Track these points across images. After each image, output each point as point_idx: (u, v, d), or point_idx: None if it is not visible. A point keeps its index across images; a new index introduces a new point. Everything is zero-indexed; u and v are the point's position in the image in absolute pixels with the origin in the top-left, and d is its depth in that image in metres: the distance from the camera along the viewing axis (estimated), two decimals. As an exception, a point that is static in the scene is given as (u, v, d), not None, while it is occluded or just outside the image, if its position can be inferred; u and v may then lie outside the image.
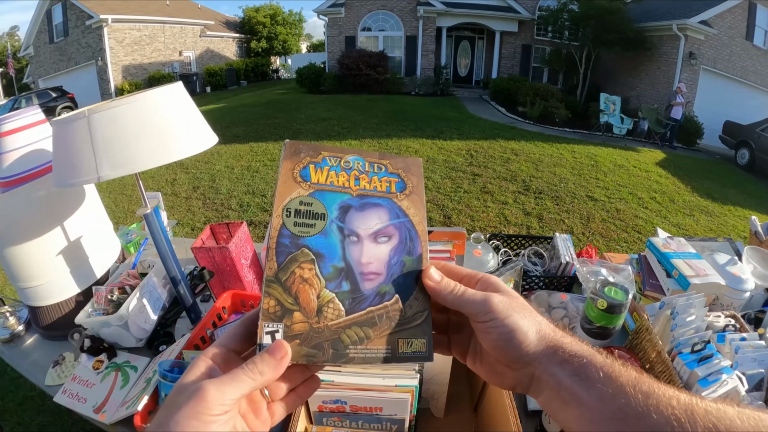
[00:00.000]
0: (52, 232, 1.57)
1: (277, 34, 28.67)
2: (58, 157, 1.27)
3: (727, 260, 1.79)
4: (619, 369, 0.44)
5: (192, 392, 0.42)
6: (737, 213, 6.73)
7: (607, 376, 0.43)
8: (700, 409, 0.39)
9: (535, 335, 0.48)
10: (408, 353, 0.51)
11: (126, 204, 6.29)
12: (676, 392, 0.42)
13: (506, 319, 0.48)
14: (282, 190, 0.55)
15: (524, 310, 0.50)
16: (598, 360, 0.45)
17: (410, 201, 0.57)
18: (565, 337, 0.49)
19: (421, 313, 0.52)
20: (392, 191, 0.57)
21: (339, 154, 0.58)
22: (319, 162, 0.57)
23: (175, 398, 0.42)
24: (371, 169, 0.58)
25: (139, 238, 2.24)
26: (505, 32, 17.66)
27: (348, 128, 10.40)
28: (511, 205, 6.13)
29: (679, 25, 13.04)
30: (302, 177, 0.55)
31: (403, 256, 0.54)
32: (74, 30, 19.93)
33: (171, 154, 1.22)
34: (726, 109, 12.59)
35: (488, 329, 0.49)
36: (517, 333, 0.47)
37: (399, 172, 0.58)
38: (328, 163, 0.57)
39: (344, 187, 0.56)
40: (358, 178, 0.57)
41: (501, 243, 2.11)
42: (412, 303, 0.53)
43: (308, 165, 0.56)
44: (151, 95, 1.24)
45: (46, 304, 1.68)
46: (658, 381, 0.43)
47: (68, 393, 1.48)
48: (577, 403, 0.44)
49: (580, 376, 0.44)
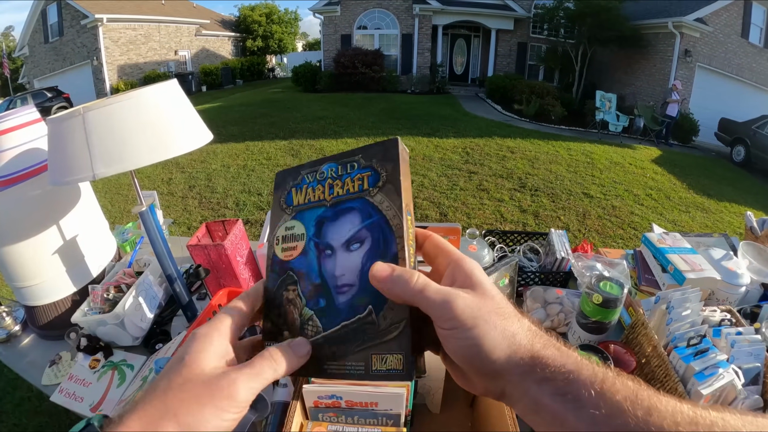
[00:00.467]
0: (47, 231, 1.57)
1: (272, 33, 28.65)
2: (53, 155, 1.27)
3: (723, 255, 1.79)
4: (613, 382, 0.38)
5: (218, 386, 0.41)
6: (733, 209, 6.75)
7: (599, 395, 0.37)
8: (705, 421, 0.35)
9: (507, 348, 0.40)
10: (382, 371, 0.46)
11: (122, 203, 6.29)
12: (678, 404, 0.37)
13: (470, 330, 0.41)
14: (273, 221, 0.57)
15: (496, 315, 0.42)
16: (586, 374, 0.39)
17: (384, 194, 0.50)
18: (547, 347, 0.41)
19: (396, 324, 0.46)
20: (364, 188, 0.51)
21: (316, 166, 0.56)
22: (299, 183, 0.56)
23: (193, 386, 0.41)
24: (344, 170, 0.53)
25: (135, 236, 2.24)
26: (501, 30, 17.68)
27: (344, 127, 10.41)
28: (507, 202, 6.13)
29: (675, 22, 13.09)
30: (287, 203, 0.57)
31: (376, 261, 0.47)
32: (69, 30, 19.88)
33: (166, 151, 1.22)
34: (721, 107, 12.62)
35: (450, 338, 0.42)
36: (482, 347, 0.40)
37: (372, 164, 0.52)
38: (307, 180, 0.56)
39: (320, 200, 0.54)
40: (332, 185, 0.53)
41: (497, 239, 2.11)
42: (386, 313, 0.46)
43: (291, 189, 0.57)
44: (145, 92, 1.24)
45: (43, 304, 1.67)
46: (657, 392, 0.38)
47: (65, 392, 1.48)
48: (561, 423, 0.38)
49: (565, 397, 0.38)
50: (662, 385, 1.25)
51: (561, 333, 1.64)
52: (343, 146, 8.38)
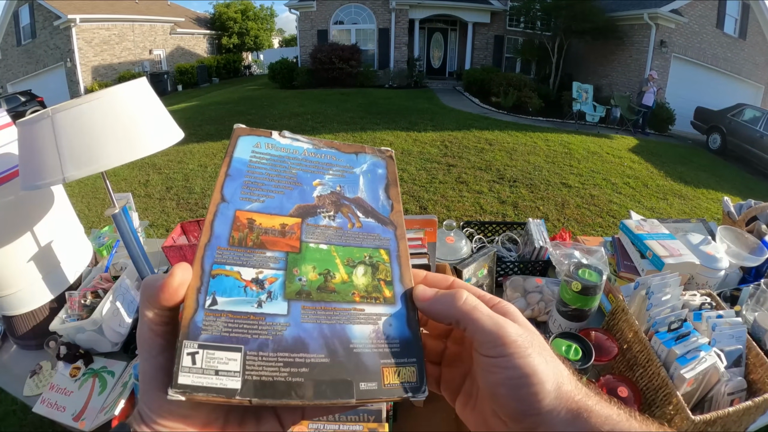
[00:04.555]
0: (22, 238, 1.54)
1: (248, 30, 28.35)
2: (23, 159, 1.25)
3: (701, 240, 1.82)
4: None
5: None
6: (710, 196, 6.86)
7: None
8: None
9: (553, 388, 0.36)
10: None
11: (100, 207, 6.18)
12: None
13: (523, 358, 0.36)
14: None
15: (547, 351, 0.39)
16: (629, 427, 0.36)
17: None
18: (590, 396, 0.38)
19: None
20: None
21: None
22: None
23: None
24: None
25: (111, 241, 2.21)
26: (477, 23, 17.70)
27: (322, 123, 10.35)
28: (486, 194, 6.16)
29: (650, 14, 13.22)
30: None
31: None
32: (42, 31, 19.47)
33: (136, 151, 1.20)
34: (697, 96, 12.83)
35: (495, 367, 0.37)
36: (533, 379, 0.36)
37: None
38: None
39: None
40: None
41: (475, 230, 2.12)
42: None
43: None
44: (114, 92, 1.22)
45: (20, 313, 1.64)
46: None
47: (47, 402, 1.46)
48: None
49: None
50: (644, 371, 1.26)
51: (541, 321, 1.66)
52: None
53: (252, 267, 0.42)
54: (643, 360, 1.28)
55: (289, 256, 0.44)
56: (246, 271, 0.41)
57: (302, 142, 0.52)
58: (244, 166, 0.48)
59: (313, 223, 0.47)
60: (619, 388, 1.21)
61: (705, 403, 1.26)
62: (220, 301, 0.38)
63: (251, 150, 0.50)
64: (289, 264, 0.43)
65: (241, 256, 0.42)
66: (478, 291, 0.43)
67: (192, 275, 0.39)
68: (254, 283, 0.41)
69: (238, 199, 0.46)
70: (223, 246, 0.42)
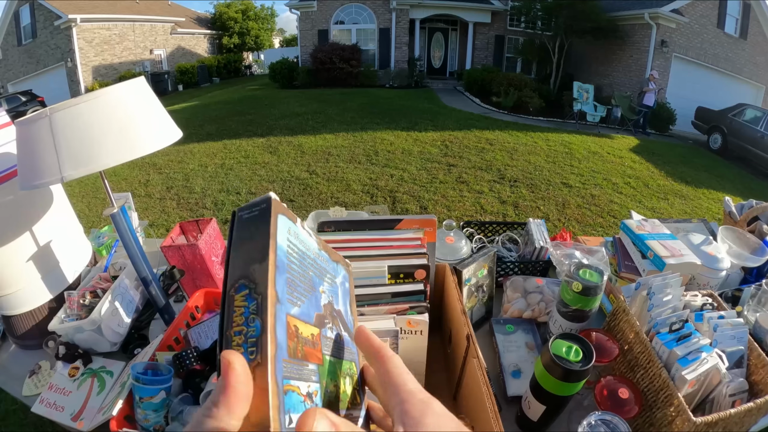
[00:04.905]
0: (21, 237, 1.53)
1: (249, 30, 28.34)
2: (22, 158, 1.24)
3: (702, 240, 1.81)
4: None
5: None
6: (711, 196, 6.85)
7: None
8: None
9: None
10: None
11: (99, 207, 6.18)
12: None
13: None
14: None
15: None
16: None
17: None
18: None
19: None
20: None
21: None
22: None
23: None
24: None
25: (110, 240, 2.20)
26: (478, 23, 17.71)
27: (322, 122, 10.33)
28: (486, 194, 6.16)
29: (651, 13, 13.22)
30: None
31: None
32: (43, 31, 19.46)
33: (134, 150, 1.20)
34: (698, 96, 12.85)
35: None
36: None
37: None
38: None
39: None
40: None
41: (475, 230, 2.11)
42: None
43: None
44: (112, 91, 1.22)
45: (19, 313, 1.64)
46: None
47: (45, 402, 1.45)
48: None
49: None
50: (646, 372, 1.26)
51: (542, 322, 1.65)
52: (322, 142, 8.33)
53: (304, 381, 0.39)
54: (644, 361, 1.27)
55: (319, 369, 0.42)
56: (302, 385, 0.38)
57: (311, 237, 0.49)
58: (284, 257, 0.41)
59: (324, 334, 0.45)
60: (620, 390, 1.20)
61: (706, 404, 1.25)
62: (293, 418, 0.35)
63: (286, 238, 0.42)
64: (320, 377, 0.42)
65: (297, 369, 0.38)
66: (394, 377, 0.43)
67: (270, 392, 0.33)
68: (308, 398, 0.38)
69: (286, 300, 0.39)
70: (285, 357, 0.37)
